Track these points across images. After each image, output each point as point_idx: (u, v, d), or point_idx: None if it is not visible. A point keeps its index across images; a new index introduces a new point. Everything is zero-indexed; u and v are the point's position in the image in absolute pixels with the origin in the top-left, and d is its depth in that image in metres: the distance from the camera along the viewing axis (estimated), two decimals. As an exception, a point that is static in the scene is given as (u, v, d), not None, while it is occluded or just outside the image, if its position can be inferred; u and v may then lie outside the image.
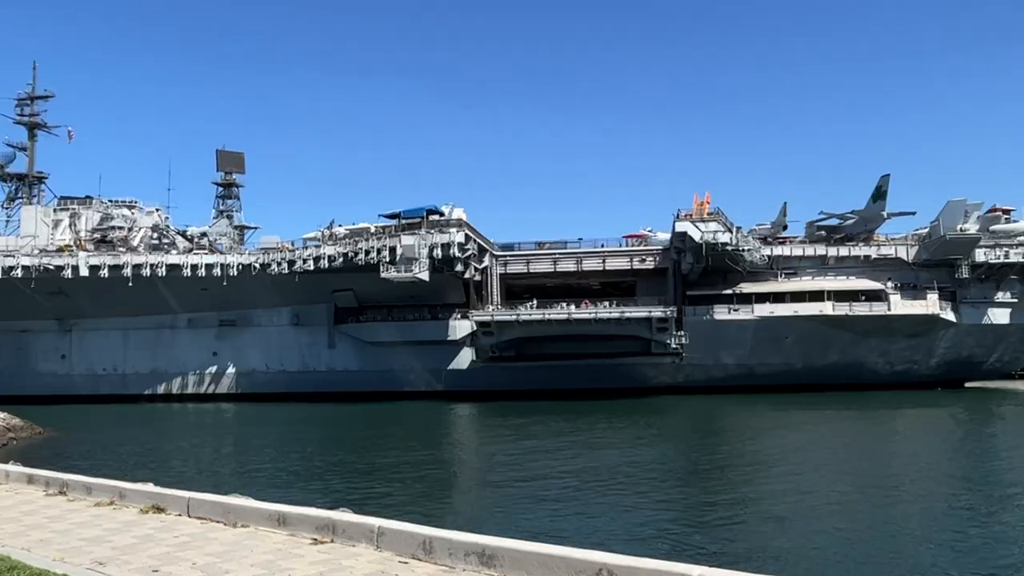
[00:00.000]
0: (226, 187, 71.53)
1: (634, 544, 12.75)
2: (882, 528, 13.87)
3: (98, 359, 58.87)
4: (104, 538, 6.92)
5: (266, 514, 7.24)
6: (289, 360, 57.73)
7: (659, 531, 14.27)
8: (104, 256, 54.32)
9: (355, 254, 50.37)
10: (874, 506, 15.36)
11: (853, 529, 13.57)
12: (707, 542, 13.69)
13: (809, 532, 13.04)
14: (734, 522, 15.24)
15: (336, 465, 24.13)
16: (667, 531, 14.37)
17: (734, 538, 14.10)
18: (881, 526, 13.88)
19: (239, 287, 55.09)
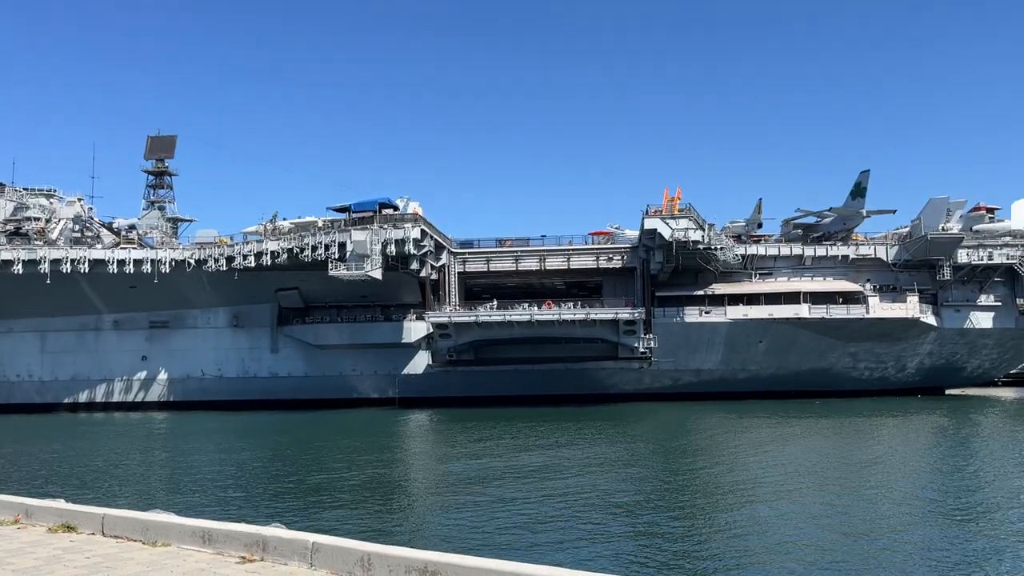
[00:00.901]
0: (158, 175, 70.25)
1: (586, 562, 12.79)
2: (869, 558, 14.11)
3: (11, 364, 57.35)
4: (4, 560, 6.68)
5: (189, 531, 7.07)
6: (228, 365, 56.90)
7: (617, 549, 14.34)
8: (18, 250, 52.94)
9: (301, 250, 49.86)
10: (858, 534, 15.60)
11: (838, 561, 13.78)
12: (670, 561, 13.79)
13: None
14: (694, 542, 15.40)
15: (273, 479, 23.78)
16: (625, 549, 14.45)
17: (695, 558, 14.25)
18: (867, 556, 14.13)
19: (172, 285, 54.15)
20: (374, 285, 50.59)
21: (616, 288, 56.20)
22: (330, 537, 6.52)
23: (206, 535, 6.95)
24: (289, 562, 6.40)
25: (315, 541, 6.38)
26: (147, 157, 70.11)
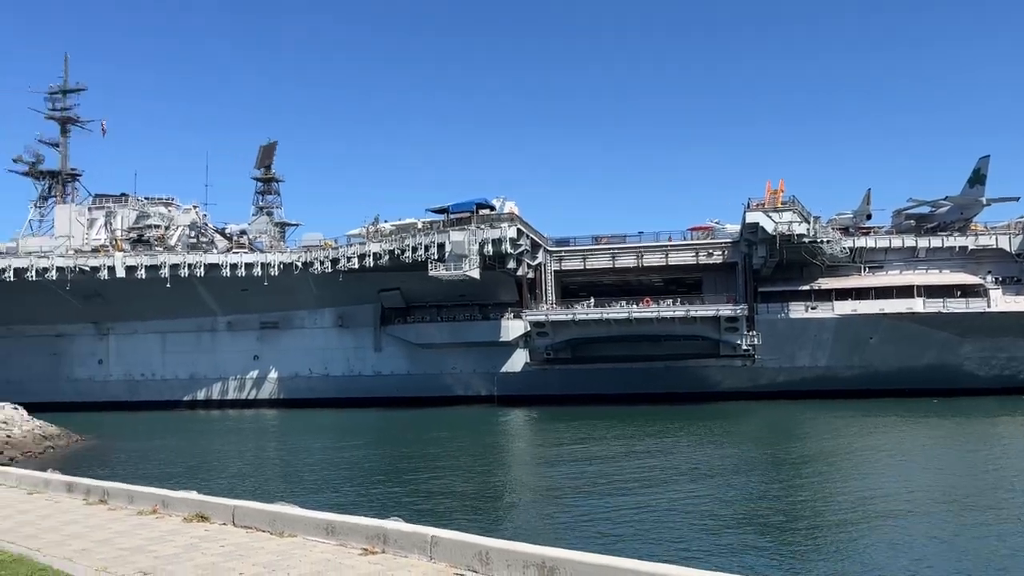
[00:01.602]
0: (266, 182, 73.04)
1: (703, 560, 12.60)
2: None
3: (136, 364, 60.75)
4: (147, 548, 7.13)
5: (314, 523, 7.38)
6: (333, 364, 58.68)
7: (736, 547, 14.08)
8: (141, 256, 56.00)
9: (401, 251, 50.91)
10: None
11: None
12: (788, 560, 13.45)
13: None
14: (813, 544, 14.94)
15: (384, 473, 24.44)
16: (744, 547, 14.17)
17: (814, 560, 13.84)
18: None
19: (281, 287, 56.21)
20: (472, 284, 51.22)
21: (716, 284, 55.04)
22: (448, 531, 6.69)
23: (329, 527, 7.23)
24: (409, 554, 6.59)
25: (434, 535, 6.55)
26: (258, 166, 73.03)
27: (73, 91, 69.95)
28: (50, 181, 69.48)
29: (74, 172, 70.52)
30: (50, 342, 60.55)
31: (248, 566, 6.39)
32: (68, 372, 60.74)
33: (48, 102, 69.74)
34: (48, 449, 32.18)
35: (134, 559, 6.68)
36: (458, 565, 6.23)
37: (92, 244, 60.71)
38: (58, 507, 9.34)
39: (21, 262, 55.18)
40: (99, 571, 6.25)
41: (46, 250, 58.78)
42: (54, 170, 69.51)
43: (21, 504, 9.57)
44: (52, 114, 69.78)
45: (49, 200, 68.79)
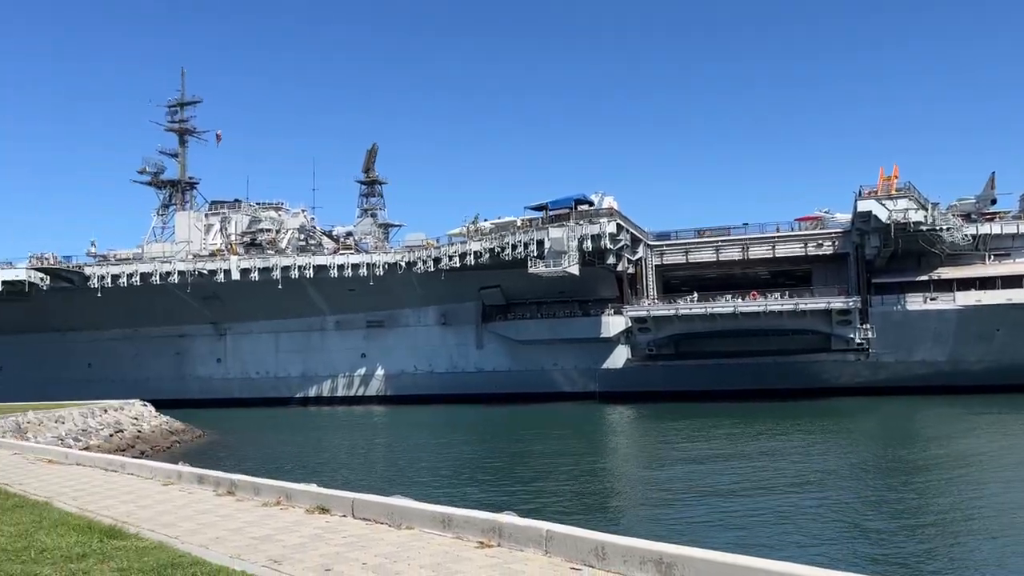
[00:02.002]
0: (369, 185, 75.06)
1: (824, 558, 12.21)
2: None
3: (252, 362, 63.53)
4: (274, 537, 7.45)
5: (430, 516, 7.55)
6: (437, 361, 59.79)
7: (860, 549, 13.59)
8: (254, 259, 58.51)
9: (501, 249, 51.37)
10: None
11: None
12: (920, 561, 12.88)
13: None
14: (950, 548, 14.23)
15: (492, 469, 24.77)
16: (870, 549, 13.66)
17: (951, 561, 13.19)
18: None
19: (385, 287, 57.66)
20: (572, 281, 51.20)
21: (827, 276, 53.16)
22: (563, 526, 6.73)
23: (446, 520, 7.39)
24: (525, 548, 6.67)
25: (549, 529, 6.61)
26: (363, 169, 75.18)
27: (190, 103, 73.73)
28: (170, 190, 73.47)
29: (192, 180, 74.35)
30: (174, 342, 63.99)
31: (370, 556, 6.60)
32: (190, 371, 64.06)
33: (167, 115, 73.80)
34: (174, 444, 34.04)
35: (263, 548, 7.01)
36: (574, 560, 6.26)
37: (209, 248, 63.90)
38: (191, 498, 9.88)
39: (146, 267, 58.58)
40: (233, 558, 6.58)
41: (168, 255, 62.20)
42: (174, 179, 73.47)
43: (158, 495, 10.17)
44: (171, 126, 73.77)
45: (170, 208, 72.75)
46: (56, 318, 61.18)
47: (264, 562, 6.50)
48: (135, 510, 9.02)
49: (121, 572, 5.96)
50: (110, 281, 57.81)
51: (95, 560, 6.37)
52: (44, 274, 56.96)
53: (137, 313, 60.98)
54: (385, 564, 6.34)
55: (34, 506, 9.03)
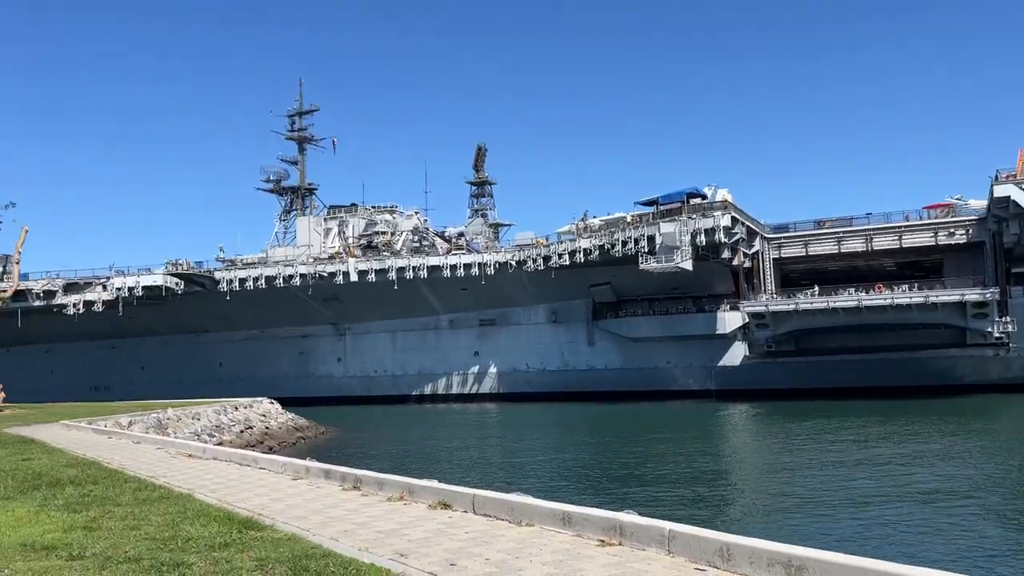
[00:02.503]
0: (479, 186, 76.13)
1: (964, 567, 11.51)
2: None
3: (370, 361, 65.56)
4: (399, 531, 7.66)
5: (550, 513, 7.58)
6: (549, 359, 60.02)
7: (998, 554, 12.76)
8: (371, 261, 60.37)
9: (611, 246, 51.05)
10: None
11: None
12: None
13: None
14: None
15: (608, 467, 24.67)
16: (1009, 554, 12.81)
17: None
18: None
19: (497, 286, 58.33)
20: (685, 276, 50.34)
21: (960, 266, 50.20)
22: (686, 526, 6.62)
23: (566, 518, 7.41)
24: (647, 548, 6.60)
25: (671, 528, 6.51)
26: (473, 168, 76.39)
27: (307, 112, 76.79)
28: (291, 196, 76.77)
29: (311, 187, 77.41)
30: (297, 342, 66.81)
31: (493, 552, 6.69)
32: (313, 369, 66.70)
33: (287, 124, 77.13)
34: (299, 440, 35.49)
35: (390, 541, 7.21)
36: (698, 560, 6.15)
37: (328, 251, 66.36)
38: (319, 492, 10.28)
39: (270, 271, 61.39)
40: (361, 551, 6.81)
41: (290, 259, 64.99)
42: (294, 186, 76.72)
43: (288, 489, 10.63)
44: (290, 135, 77.05)
45: (291, 213, 76.05)
46: (190, 320, 64.96)
47: (391, 555, 6.69)
48: (268, 503, 9.46)
49: (260, 562, 6.27)
50: (238, 285, 60.89)
51: (236, 549, 6.73)
52: (179, 279, 60.58)
53: (263, 314, 63.99)
54: (508, 560, 6.41)
55: (178, 498, 9.62)
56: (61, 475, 11.49)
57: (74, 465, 12.99)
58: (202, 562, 6.28)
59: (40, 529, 7.67)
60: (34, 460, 13.84)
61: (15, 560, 6.38)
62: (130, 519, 8.15)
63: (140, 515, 8.36)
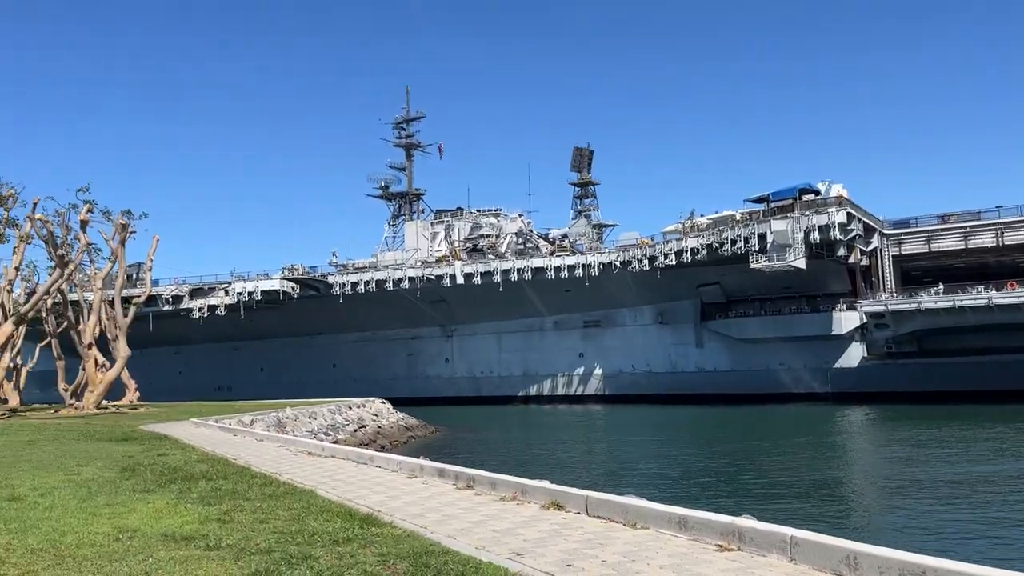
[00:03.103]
0: (582, 187, 75.97)
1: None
2: None
3: (476, 362, 66.41)
4: (514, 531, 7.74)
5: (665, 516, 7.50)
6: (655, 360, 59.30)
7: None
8: (476, 264, 61.20)
9: (720, 244, 50.00)
10: None
11: None
12: None
13: None
14: None
15: (721, 471, 24.16)
16: None
17: None
18: None
19: (601, 287, 58.05)
20: (798, 275, 48.76)
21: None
22: (809, 532, 6.42)
23: (682, 521, 7.31)
24: (767, 554, 6.44)
25: (793, 535, 6.33)
26: (571, 169, 76.30)
27: (414, 119, 78.63)
28: (399, 202, 78.76)
29: (418, 192, 79.19)
30: (406, 344, 68.42)
31: (608, 554, 6.68)
32: (421, 370, 68.14)
33: (394, 132, 79.18)
34: (410, 439, 36.31)
35: (505, 540, 7.30)
36: (823, 568, 5.96)
37: (435, 255, 67.67)
38: (434, 490, 10.50)
39: (380, 275, 63.09)
40: (478, 549, 6.92)
41: (399, 263, 66.65)
42: (402, 191, 78.68)
43: (403, 487, 10.91)
44: (398, 142, 79.07)
45: (399, 218, 78.02)
46: (305, 323, 67.51)
47: (507, 554, 6.77)
48: (386, 500, 9.73)
49: (382, 557, 6.46)
50: (350, 288, 62.87)
51: (358, 545, 6.96)
52: (295, 283, 63.07)
53: (374, 317, 65.84)
54: (624, 563, 6.39)
55: (301, 494, 10.01)
56: (194, 470, 12.16)
57: (205, 461, 13.72)
58: (327, 556, 6.53)
59: (179, 520, 8.14)
60: (168, 455, 14.69)
61: (158, 549, 6.80)
62: (259, 513, 8.54)
63: (268, 509, 8.76)
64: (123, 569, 6.10)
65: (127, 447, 16.53)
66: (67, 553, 6.64)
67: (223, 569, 6.08)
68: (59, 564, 6.28)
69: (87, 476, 11.70)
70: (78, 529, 7.65)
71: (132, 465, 12.90)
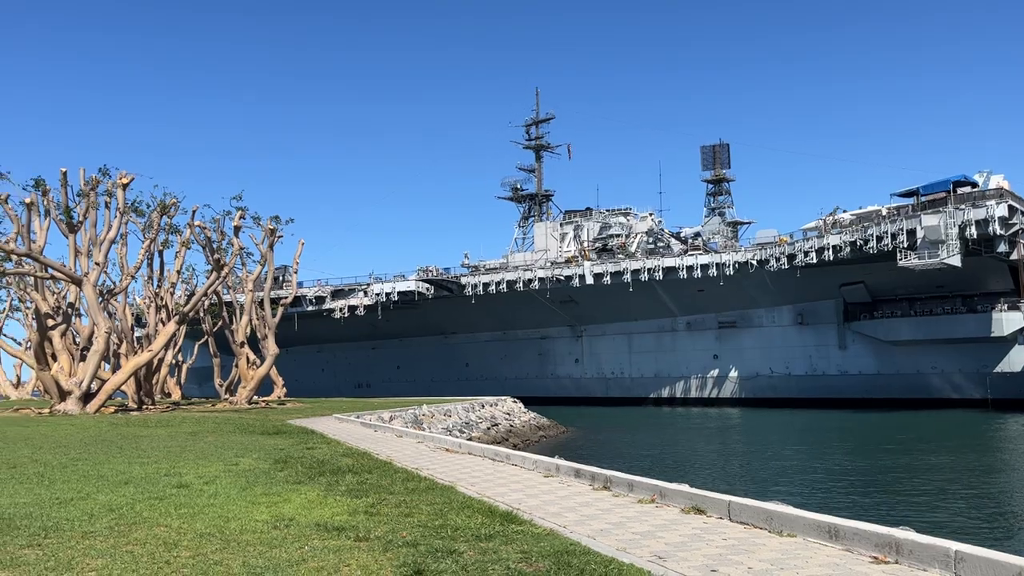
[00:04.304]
0: (716, 183, 74.19)
1: None
2: None
3: (606, 363, 66.10)
4: (654, 533, 7.66)
5: (814, 525, 7.22)
6: (795, 363, 57.19)
7: None
8: (606, 264, 60.92)
9: (864, 241, 47.62)
10: None
11: None
12: None
13: None
14: None
15: (868, 479, 23.00)
16: None
17: None
18: None
19: (736, 286, 56.50)
20: (951, 273, 45.74)
21: None
22: (976, 548, 6.03)
23: (832, 531, 7.02)
24: (928, 569, 6.09)
25: (958, 550, 5.96)
26: (704, 168, 74.61)
27: (544, 121, 79.14)
28: (529, 203, 79.48)
29: (547, 193, 79.65)
30: (536, 344, 68.97)
31: (755, 561, 6.50)
32: (551, 370, 68.51)
33: (524, 134, 79.97)
34: (542, 438, 36.55)
35: (646, 543, 7.23)
36: (993, 587, 5.58)
37: (564, 256, 67.85)
38: (570, 490, 10.53)
39: (511, 275, 63.89)
40: (619, 551, 6.89)
41: (529, 263, 67.26)
42: (532, 193, 79.35)
43: (540, 485, 11.00)
44: (528, 144, 79.80)
45: (529, 219, 78.72)
46: (439, 323, 69.27)
47: (649, 557, 6.71)
48: (523, 498, 9.85)
49: (524, 554, 6.54)
50: (481, 289, 64.00)
51: (500, 541, 7.08)
52: (429, 284, 64.82)
53: (505, 317, 66.75)
54: (771, 570, 6.20)
55: (442, 489, 10.28)
56: (340, 464, 12.71)
57: (349, 455, 14.32)
58: (471, 551, 6.67)
59: (329, 511, 8.54)
60: (316, 449, 15.43)
61: (312, 538, 7.16)
62: (403, 507, 8.84)
63: (411, 504, 9.04)
64: (283, 555, 6.46)
65: (278, 440, 17.47)
66: (232, 538, 7.10)
67: (373, 560, 6.33)
68: (226, 548, 6.73)
69: (244, 467, 12.45)
70: (240, 516, 8.16)
71: (284, 457, 13.64)
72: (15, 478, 11.00)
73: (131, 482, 10.62)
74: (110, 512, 8.31)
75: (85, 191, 30.03)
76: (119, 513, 8.27)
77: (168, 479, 10.91)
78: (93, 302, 29.16)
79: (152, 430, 20.14)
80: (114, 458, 13.56)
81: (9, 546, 6.76)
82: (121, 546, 6.79)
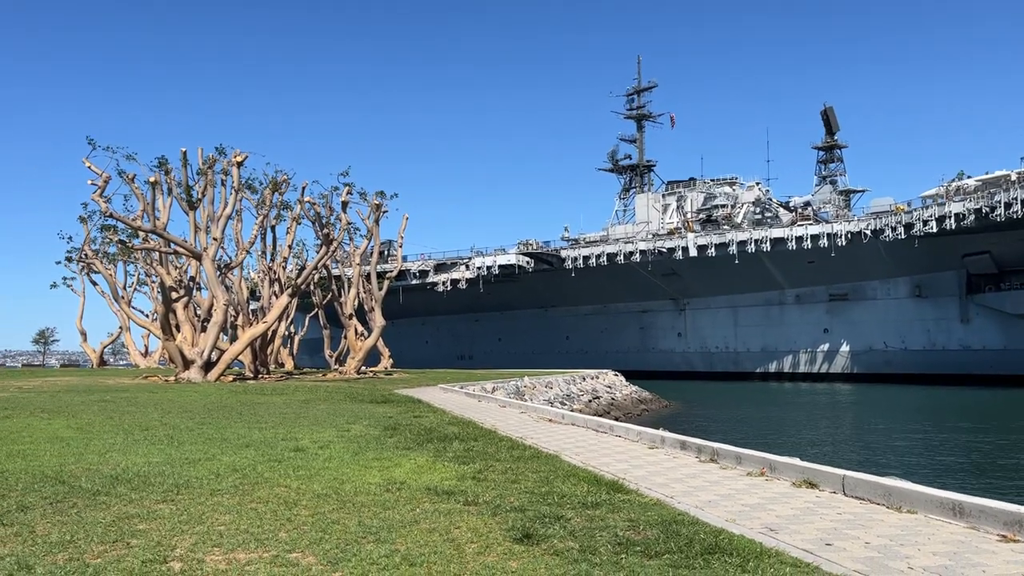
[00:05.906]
0: (827, 150, 71.35)
1: None
2: None
3: (710, 337, 64.96)
4: (765, 506, 7.53)
5: (936, 501, 6.95)
6: (911, 337, 54.78)
7: None
8: (710, 235, 59.63)
9: (991, 209, 44.94)
10: None
11: None
12: None
13: None
14: None
15: (993, 458, 21.90)
16: None
17: None
18: None
19: (849, 257, 54.40)
20: (1092, 242, 42.68)
21: None
22: (1118, 529, 5.67)
23: (956, 507, 6.74)
24: (1063, 549, 5.78)
25: (1098, 530, 5.63)
26: (818, 136, 71.80)
27: (646, 89, 77.85)
28: (630, 174, 78.56)
29: (649, 164, 78.47)
30: (637, 318, 68.43)
31: (872, 536, 6.31)
32: (652, 344, 67.89)
33: (625, 104, 78.84)
34: (644, 411, 36.38)
35: (756, 515, 7.13)
36: None
37: (667, 227, 66.84)
38: (676, 462, 10.46)
39: (612, 248, 63.43)
40: (728, 522, 6.82)
41: (630, 236, 66.57)
42: (633, 164, 78.34)
43: (645, 456, 10.97)
44: (629, 114, 78.68)
45: (630, 191, 77.84)
46: (539, 296, 69.59)
47: (760, 529, 6.61)
48: (629, 468, 9.84)
49: (631, 523, 6.56)
50: (582, 262, 63.83)
51: (606, 509, 7.11)
52: (529, 258, 65.11)
53: (605, 290, 66.43)
54: (891, 546, 6.01)
55: (547, 458, 10.39)
56: (447, 431, 13.02)
57: (455, 424, 14.63)
58: (578, 518, 6.74)
59: (439, 476, 8.78)
60: (423, 417, 15.84)
61: (423, 501, 7.39)
62: (509, 474, 8.98)
63: (517, 471, 9.18)
64: (396, 516, 6.70)
65: (386, 408, 18.03)
66: (347, 499, 7.41)
67: (482, 523, 6.48)
68: (342, 508, 7.02)
69: (356, 433, 12.92)
70: (354, 479, 8.49)
71: (393, 425, 14.08)
72: (148, 439, 11.77)
73: (251, 445, 11.19)
74: (234, 472, 8.80)
75: (203, 170, 31.50)
76: (243, 473, 8.74)
77: (285, 443, 11.44)
78: (212, 276, 30.66)
79: (268, 397, 21.11)
80: (235, 423, 14.31)
81: (146, 500, 7.27)
82: (246, 503, 7.19)
